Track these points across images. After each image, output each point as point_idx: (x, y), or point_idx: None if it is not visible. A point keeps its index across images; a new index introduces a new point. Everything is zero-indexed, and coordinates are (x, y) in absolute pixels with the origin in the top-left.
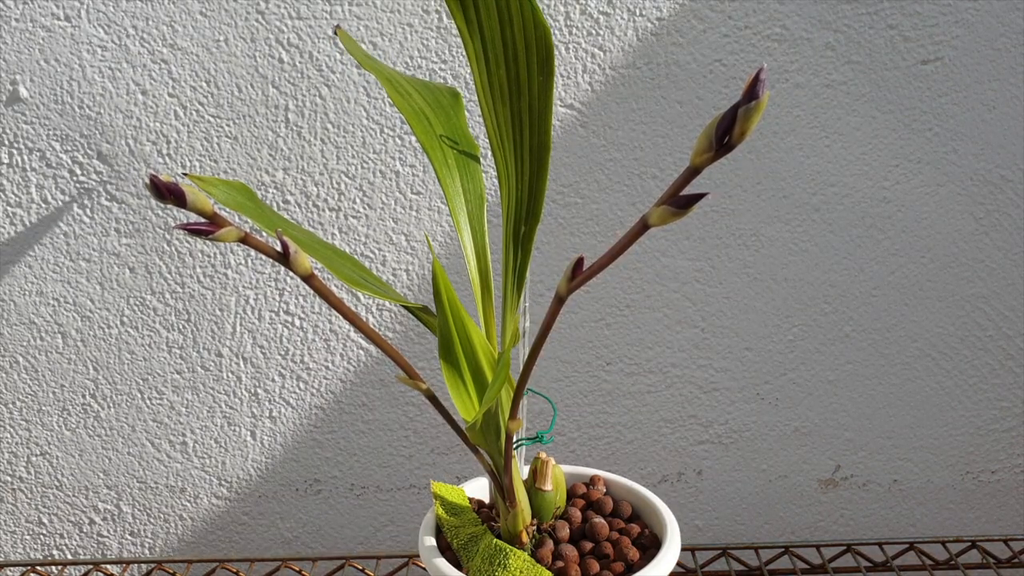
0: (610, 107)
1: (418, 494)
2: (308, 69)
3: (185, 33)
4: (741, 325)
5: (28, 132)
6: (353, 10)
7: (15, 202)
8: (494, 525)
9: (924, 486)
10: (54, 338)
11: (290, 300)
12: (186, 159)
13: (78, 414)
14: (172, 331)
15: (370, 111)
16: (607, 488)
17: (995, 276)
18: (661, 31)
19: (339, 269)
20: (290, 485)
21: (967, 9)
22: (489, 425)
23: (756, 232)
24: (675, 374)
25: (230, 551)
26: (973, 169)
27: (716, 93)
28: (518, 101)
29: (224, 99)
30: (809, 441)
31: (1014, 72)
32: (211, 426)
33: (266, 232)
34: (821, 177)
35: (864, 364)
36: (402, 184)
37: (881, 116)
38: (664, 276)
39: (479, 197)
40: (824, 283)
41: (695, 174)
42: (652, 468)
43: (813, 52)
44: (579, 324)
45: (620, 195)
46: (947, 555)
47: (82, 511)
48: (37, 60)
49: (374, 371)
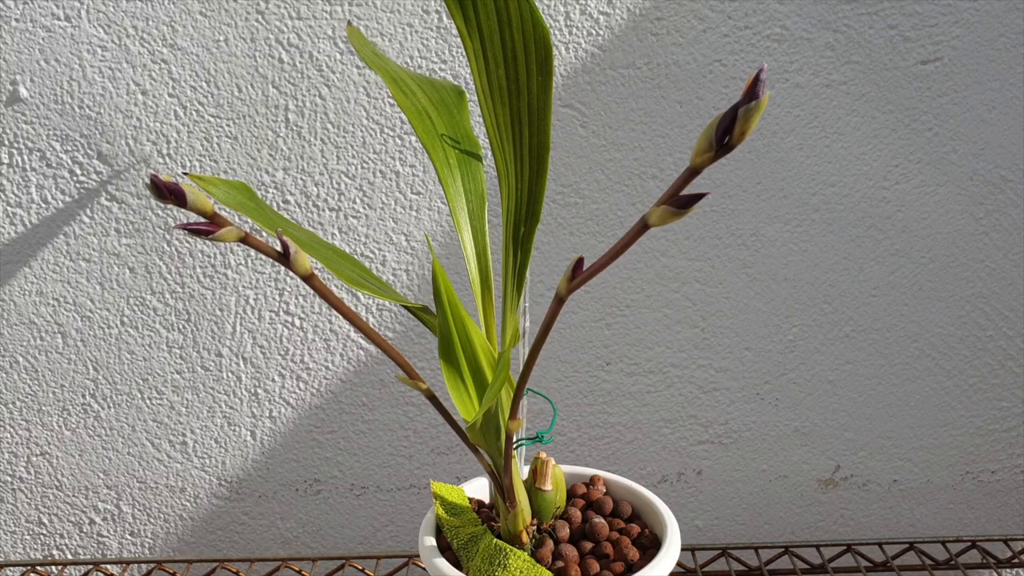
0: (610, 107)
1: (418, 494)
2: (308, 69)
3: (185, 33)
4: (741, 325)
5: (28, 132)
6: (353, 10)
7: (15, 202)
8: (494, 525)
9: (924, 486)
10: (54, 338)
11: (290, 300)
12: (186, 159)
13: (78, 414)
14: (172, 331)
15: (370, 111)
16: (607, 488)
17: (995, 276)
18: (661, 31)
19: (339, 269)
20: (290, 485)
21: (967, 9)
22: (489, 425)
23: (756, 232)
24: (675, 374)
25: (230, 551)
26: (973, 169)
27: (716, 93)
28: (517, 101)
29: (224, 99)
30: (809, 441)
31: (1014, 72)
32: (211, 426)
33: (266, 232)
34: (821, 177)
35: (864, 364)
36: (402, 184)
37: (881, 116)
38: (664, 276)
39: (480, 197)
40: (824, 283)
41: (695, 174)
42: (652, 468)
43: (813, 52)
44: (579, 324)
45: (620, 195)
46: (947, 555)
47: (82, 511)
48: (37, 60)
49: (374, 371)
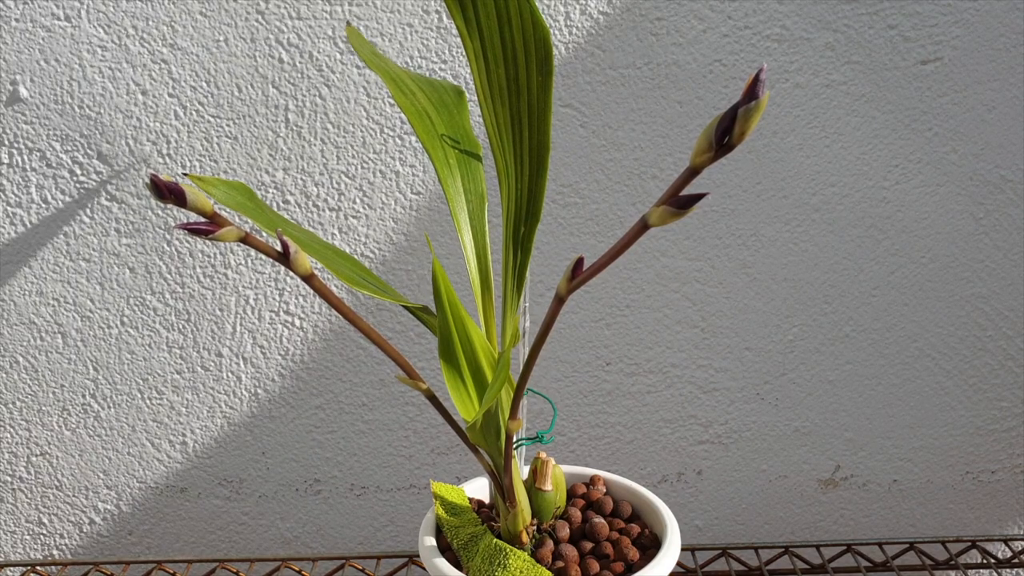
0: (610, 107)
1: (418, 494)
2: (308, 69)
3: (185, 33)
4: (741, 325)
5: (28, 132)
6: (353, 10)
7: (15, 202)
8: (494, 525)
9: (924, 486)
10: (54, 338)
11: (290, 300)
12: (186, 159)
13: (78, 414)
14: (172, 331)
15: (370, 111)
16: (607, 488)
17: (995, 276)
18: (661, 31)
19: (339, 269)
20: (290, 485)
21: (967, 9)
22: (489, 425)
23: (756, 232)
24: (675, 374)
25: (230, 551)
26: (973, 169)
27: (716, 93)
28: (517, 101)
29: (224, 99)
30: (809, 441)
31: (1014, 72)
32: (211, 426)
33: (266, 232)
34: (821, 177)
35: (864, 364)
36: (402, 184)
37: (881, 116)
38: (664, 276)
39: (480, 197)
40: (824, 283)
41: (695, 174)
42: (652, 468)
43: (813, 52)
44: (579, 324)
45: (620, 195)
46: (947, 555)
47: (82, 511)
48: (37, 60)
49: (374, 371)
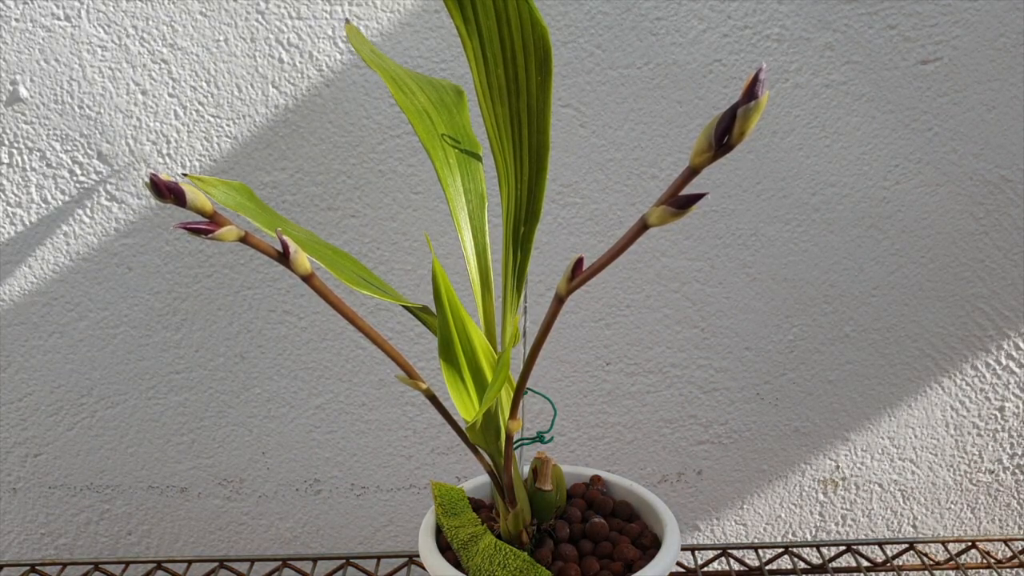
0: (610, 107)
1: (418, 494)
2: (308, 69)
3: (185, 33)
4: (741, 325)
5: (28, 132)
6: (353, 10)
7: (15, 202)
8: (494, 525)
9: (924, 486)
10: (53, 338)
11: (290, 300)
12: (186, 159)
13: (77, 414)
14: (171, 331)
15: (370, 111)
16: (607, 488)
17: (995, 276)
18: (661, 31)
19: (339, 269)
20: (290, 485)
21: (967, 9)
22: (489, 425)
23: (756, 232)
24: (675, 374)
25: (230, 551)
26: (973, 169)
27: (716, 93)
28: (517, 101)
29: (224, 99)
30: (809, 441)
31: (1014, 72)
32: (211, 426)
33: (266, 232)
34: (821, 177)
35: (864, 364)
36: (402, 184)
37: (881, 116)
38: (664, 276)
39: (480, 196)
40: (824, 283)
41: (694, 174)
42: (652, 468)
43: (813, 52)
44: (579, 324)
45: (620, 195)
46: (947, 555)
47: (82, 511)
48: (37, 60)
49: (374, 371)
